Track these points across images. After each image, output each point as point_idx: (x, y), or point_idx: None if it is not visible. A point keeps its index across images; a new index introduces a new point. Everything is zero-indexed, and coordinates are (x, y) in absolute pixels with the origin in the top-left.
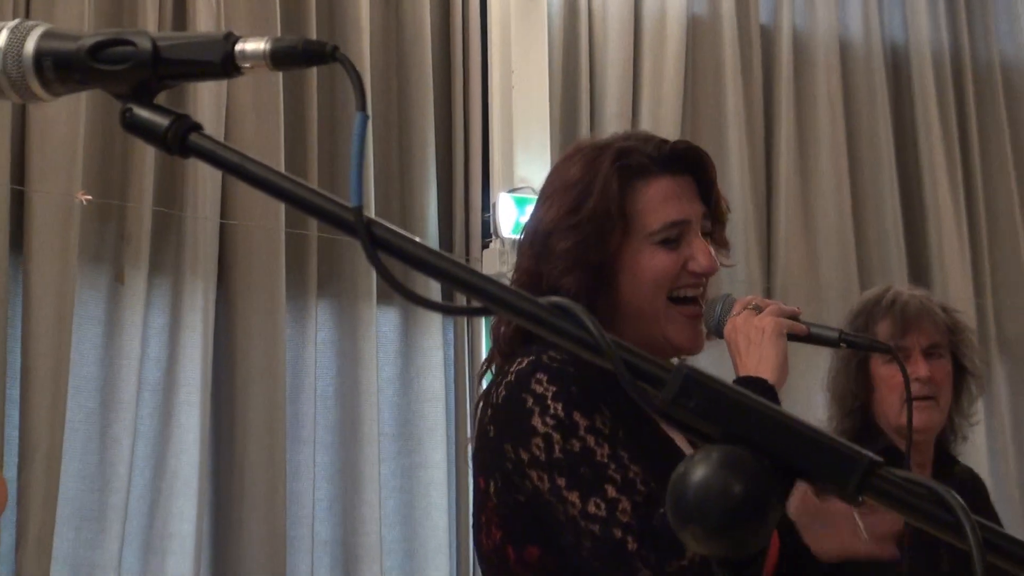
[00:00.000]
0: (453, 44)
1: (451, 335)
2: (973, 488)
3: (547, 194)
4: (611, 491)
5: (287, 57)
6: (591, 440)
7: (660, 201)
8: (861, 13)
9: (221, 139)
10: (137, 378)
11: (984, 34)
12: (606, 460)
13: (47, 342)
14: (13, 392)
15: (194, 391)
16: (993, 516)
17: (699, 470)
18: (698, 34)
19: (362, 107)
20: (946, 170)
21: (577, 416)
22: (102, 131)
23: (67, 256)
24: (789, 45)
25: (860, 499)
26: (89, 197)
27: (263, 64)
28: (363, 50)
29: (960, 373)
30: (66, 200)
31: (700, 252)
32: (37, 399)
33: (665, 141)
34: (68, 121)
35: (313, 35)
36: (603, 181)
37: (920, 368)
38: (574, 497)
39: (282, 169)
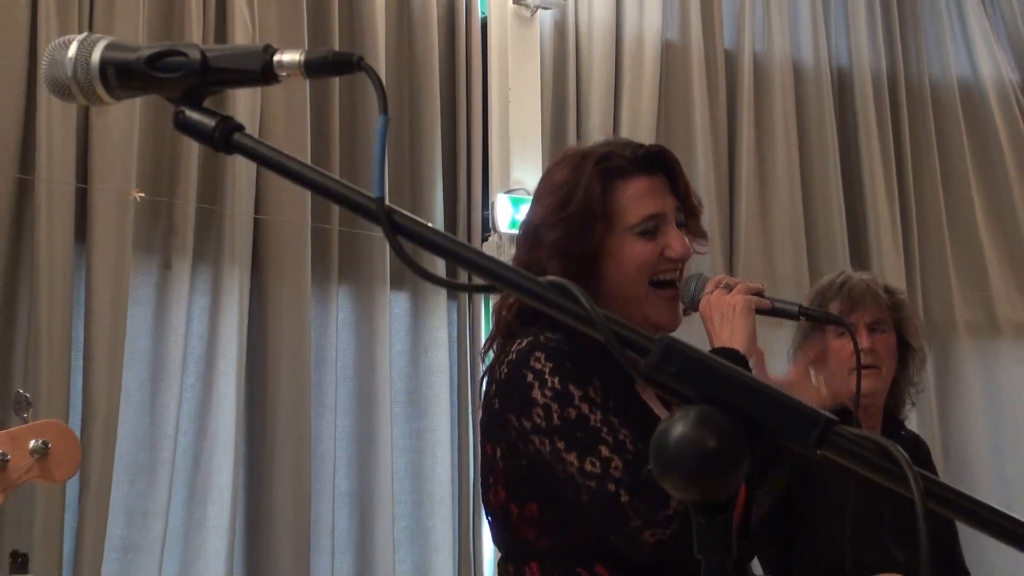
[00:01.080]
0: (457, 63)
1: (454, 316)
2: (916, 449)
3: (538, 194)
4: (604, 451)
5: (319, 67)
6: (585, 408)
7: (638, 197)
8: (811, 40)
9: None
10: (182, 352)
11: (916, 58)
12: (599, 425)
13: (105, 320)
14: (77, 363)
15: (231, 364)
16: (934, 475)
17: (678, 426)
18: (670, 57)
19: (384, 110)
20: (883, 177)
21: (572, 388)
22: (153, 137)
23: (123, 246)
24: (749, 67)
25: (818, 452)
26: (142, 195)
27: (298, 73)
28: (379, 67)
29: (905, 347)
30: (122, 197)
31: (675, 240)
32: (97, 369)
33: (640, 145)
34: (124, 128)
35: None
36: (587, 181)
37: (863, 340)
38: (572, 457)
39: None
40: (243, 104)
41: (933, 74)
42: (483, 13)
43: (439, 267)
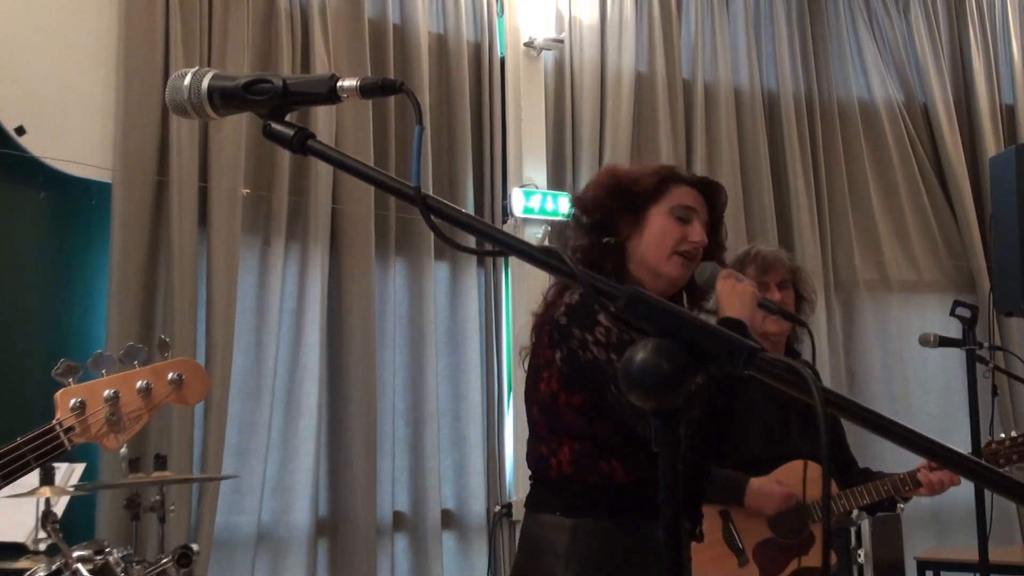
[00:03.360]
0: (483, 90)
1: (482, 279)
2: (810, 369)
3: (593, 183)
4: None
5: (371, 89)
6: (633, 335)
7: (684, 194)
8: (747, 69)
9: (329, 145)
10: (279, 307)
11: (827, 82)
12: None
13: (222, 284)
14: (201, 316)
15: (315, 315)
16: None
17: (640, 354)
18: (641, 85)
19: (419, 121)
20: (802, 175)
21: None
22: (256, 146)
23: (233, 229)
24: (701, 93)
25: (745, 372)
26: (247, 191)
27: (355, 94)
28: (424, 93)
29: (799, 299)
30: (233, 193)
31: (698, 232)
32: (216, 321)
33: (701, 177)
34: (234, 140)
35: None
36: (650, 173)
37: (775, 295)
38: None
39: (371, 163)
40: (323, 121)
41: (839, 95)
42: (501, 53)
43: (470, 241)
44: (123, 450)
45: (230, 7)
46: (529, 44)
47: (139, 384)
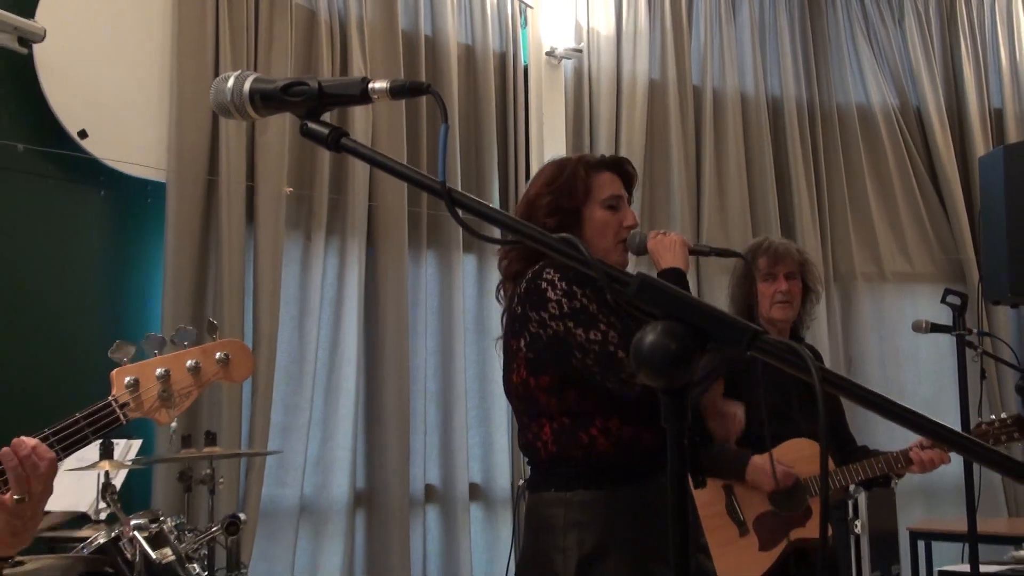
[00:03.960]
0: (507, 95)
1: None
2: (814, 354)
3: (534, 183)
4: (603, 327)
5: (400, 90)
6: (585, 300)
7: (606, 183)
8: (752, 77)
9: (364, 144)
10: (319, 298)
11: (827, 89)
12: (595, 311)
13: (267, 275)
14: (248, 304)
15: (353, 306)
16: None
17: (650, 336)
18: (654, 91)
19: (444, 120)
20: (804, 175)
21: (575, 288)
22: (298, 149)
23: (278, 225)
24: (710, 98)
25: (749, 352)
26: (291, 189)
27: (386, 95)
28: (453, 98)
29: (807, 290)
30: (278, 191)
31: (629, 216)
32: (262, 310)
33: (607, 155)
34: (278, 143)
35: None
36: (573, 169)
37: (782, 285)
38: (580, 331)
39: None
40: (360, 122)
41: (839, 100)
42: (525, 62)
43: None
44: (174, 424)
45: (275, 20)
46: (550, 53)
47: (189, 363)
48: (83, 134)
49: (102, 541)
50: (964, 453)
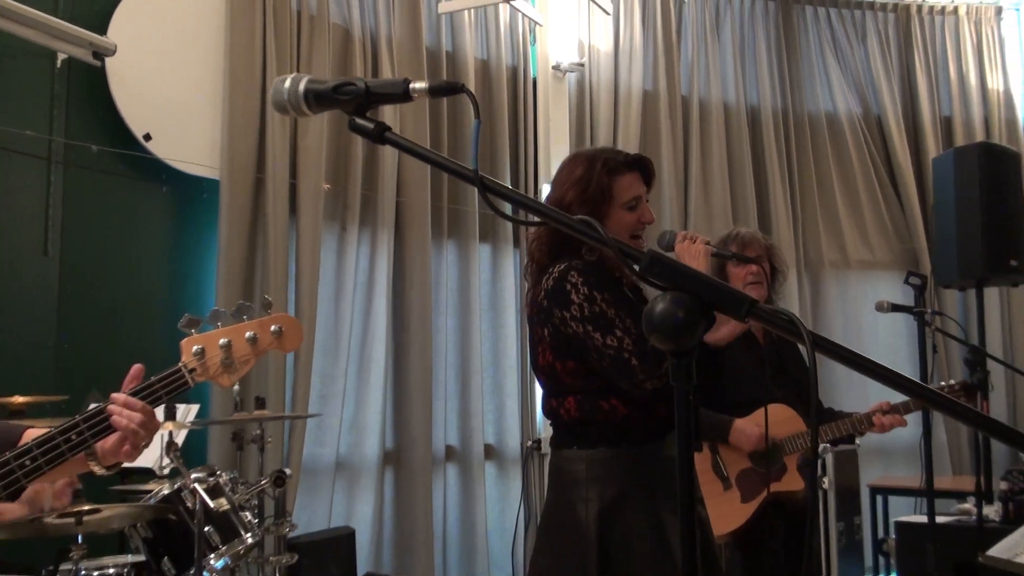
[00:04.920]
0: (519, 105)
1: (517, 258)
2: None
3: (561, 180)
4: (619, 332)
5: (438, 90)
6: (604, 306)
7: (627, 186)
8: (733, 87)
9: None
10: (352, 283)
11: (799, 98)
12: (614, 316)
13: (308, 261)
14: (291, 287)
15: (382, 289)
16: None
17: (660, 304)
18: (647, 101)
19: (477, 116)
20: (779, 176)
21: (595, 293)
22: (335, 151)
23: (317, 217)
24: (697, 107)
25: (747, 320)
26: (328, 186)
27: (425, 94)
28: (472, 116)
29: (774, 271)
30: (317, 187)
31: (646, 213)
32: (303, 292)
33: (629, 154)
34: (316, 145)
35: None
36: (598, 174)
37: (752, 267)
38: (598, 335)
39: None
40: (388, 115)
41: (809, 109)
42: (534, 74)
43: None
44: (235, 387)
45: (314, 37)
46: (556, 67)
47: (247, 334)
48: (147, 137)
49: (166, 492)
50: (938, 408)
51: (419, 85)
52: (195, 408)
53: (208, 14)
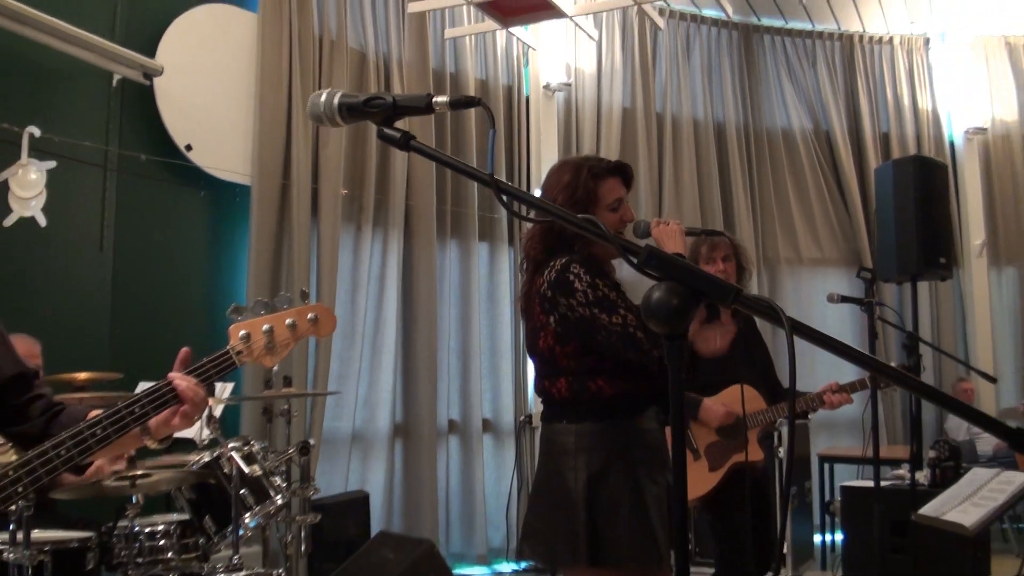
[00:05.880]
0: (513, 120)
1: (512, 255)
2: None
3: (552, 185)
4: (622, 311)
5: (457, 103)
6: (606, 290)
7: (610, 190)
8: (702, 105)
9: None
10: (367, 278)
11: (759, 115)
12: (615, 299)
13: (327, 258)
14: (313, 281)
15: (393, 283)
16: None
17: (656, 292)
18: (627, 117)
19: (492, 126)
20: (742, 183)
21: (597, 280)
22: (352, 161)
23: (335, 219)
24: (670, 122)
25: (733, 306)
26: (345, 191)
27: (446, 107)
28: (472, 120)
29: (740, 269)
30: (335, 192)
31: (627, 213)
32: (324, 285)
33: (612, 161)
34: (336, 155)
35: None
36: (584, 180)
37: (720, 265)
38: (603, 316)
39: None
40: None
41: (768, 125)
42: (527, 93)
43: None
44: (276, 367)
45: (334, 60)
46: (546, 87)
47: (287, 321)
48: (189, 147)
49: (207, 459)
50: (901, 384)
51: (441, 99)
52: (230, 386)
53: (242, 40)
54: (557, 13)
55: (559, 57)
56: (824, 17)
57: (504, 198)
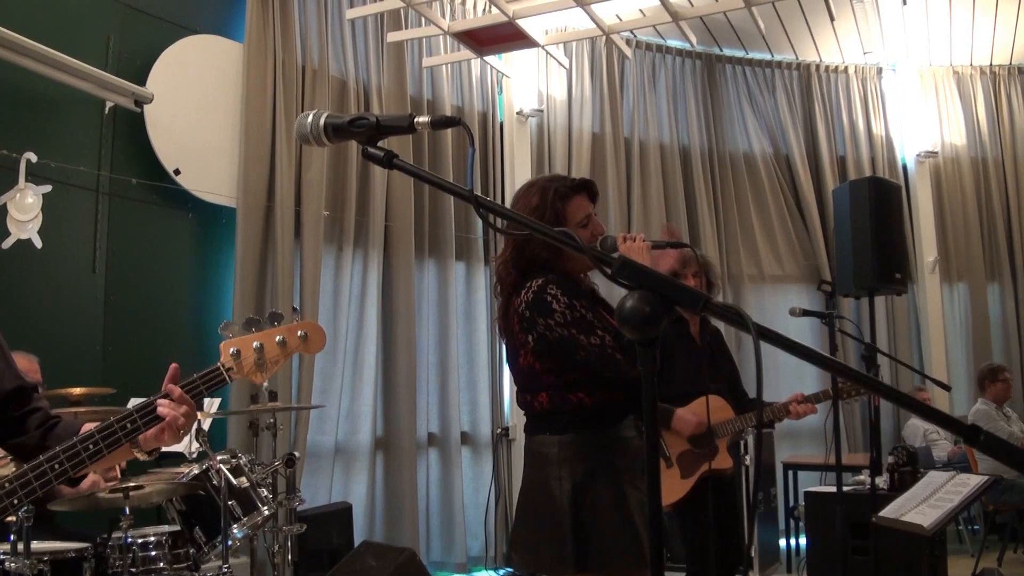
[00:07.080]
0: (487, 143)
1: (488, 273)
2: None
3: (520, 210)
4: (599, 332)
5: (438, 123)
6: (583, 311)
7: (577, 207)
8: (668, 130)
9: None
10: (348, 296)
11: (722, 139)
12: (592, 319)
13: (310, 279)
14: (296, 298)
15: (373, 300)
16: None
17: (629, 301)
18: (596, 142)
19: (472, 144)
20: (707, 204)
21: (574, 300)
22: (333, 184)
23: (317, 240)
24: (637, 146)
25: (702, 314)
26: (327, 213)
27: (427, 127)
28: (449, 144)
29: (709, 284)
30: (317, 214)
31: (596, 227)
32: (306, 303)
33: (576, 179)
34: (317, 179)
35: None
36: (552, 201)
37: (690, 281)
38: (581, 336)
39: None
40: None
41: (730, 149)
42: (501, 119)
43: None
44: (265, 384)
45: (316, 87)
46: (519, 113)
47: (277, 338)
48: (177, 172)
49: (196, 471)
50: (858, 383)
51: (423, 119)
52: (217, 401)
53: (228, 69)
54: (530, 43)
55: (532, 85)
56: (783, 48)
57: (482, 212)
